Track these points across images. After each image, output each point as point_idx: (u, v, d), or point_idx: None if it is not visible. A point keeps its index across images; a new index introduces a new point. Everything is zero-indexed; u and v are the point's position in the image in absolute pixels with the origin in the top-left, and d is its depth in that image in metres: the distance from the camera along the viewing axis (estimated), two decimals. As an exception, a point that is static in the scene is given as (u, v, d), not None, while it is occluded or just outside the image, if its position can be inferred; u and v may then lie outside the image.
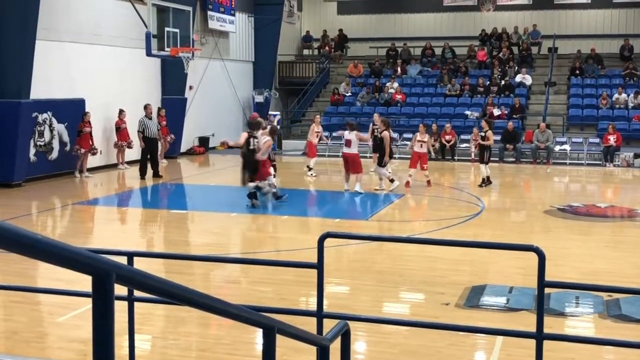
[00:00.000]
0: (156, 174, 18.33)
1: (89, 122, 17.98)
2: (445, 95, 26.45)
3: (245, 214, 13.78)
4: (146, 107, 19.14)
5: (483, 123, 17.59)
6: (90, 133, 18.09)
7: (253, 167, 13.73)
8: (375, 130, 18.36)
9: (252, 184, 13.79)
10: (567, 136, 23.54)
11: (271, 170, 14.23)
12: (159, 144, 19.91)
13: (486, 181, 17.09)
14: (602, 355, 6.40)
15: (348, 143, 15.46)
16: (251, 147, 13.62)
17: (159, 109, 20.88)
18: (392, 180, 16.05)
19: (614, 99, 24.63)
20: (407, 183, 16.57)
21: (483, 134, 17.17)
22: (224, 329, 6.86)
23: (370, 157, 17.81)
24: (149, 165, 18.32)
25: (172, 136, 21.55)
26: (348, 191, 15.57)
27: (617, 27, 29.11)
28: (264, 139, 13.72)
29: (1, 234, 1.44)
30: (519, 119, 24.17)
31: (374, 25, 32.03)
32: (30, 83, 16.28)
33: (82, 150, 17.91)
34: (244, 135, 13.78)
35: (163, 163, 20.09)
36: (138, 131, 18.89)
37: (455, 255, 9.61)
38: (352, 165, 15.48)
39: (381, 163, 16.09)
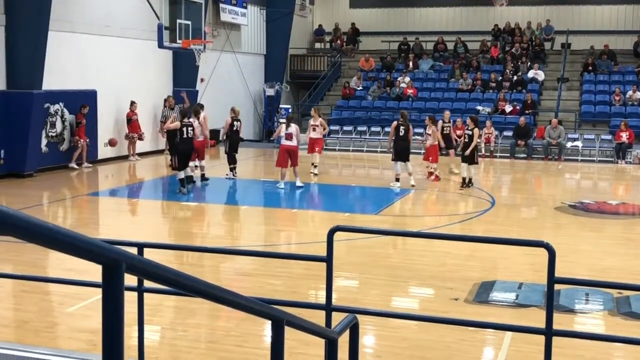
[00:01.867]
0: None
1: (84, 114, 17.88)
2: (457, 90, 26.36)
3: (256, 206, 13.78)
4: (167, 99, 19.91)
5: (468, 120, 16.33)
6: (85, 124, 18.00)
7: (187, 155, 14.35)
8: (445, 128, 18.26)
9: (182, 173, 14.31)
10: (579, 133, 23.41)
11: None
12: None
13: (467, 183, 15.81)
14: (611, 352, 6.38)
15: (289, 136, 15.21)
16: (185, 136, 14.16)
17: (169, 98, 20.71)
18: (397, 179, 15.80)
19: (627, 96, 24.47)
20: (434, 176, 16.64)
21: (470, 132, 15.85)
22: (233, 321, 6.88)
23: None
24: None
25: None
26: (281, 187, 15.27)
27: (631, 23, 28.88)
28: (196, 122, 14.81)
29: (14, 223, 1.44)
30: (530, 115, 24.07)
31: (386, 19, 31.94)
32: (43, 74, 16.36)
33: (82, 141, 17.85)
34: (177, 123, 14.37)
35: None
36: (160, 121, 19.91)
37: (465, 251, 9.60)
38: (294, 158, 15.31)
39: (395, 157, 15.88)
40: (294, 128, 15.24)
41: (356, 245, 10.11)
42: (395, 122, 16.08)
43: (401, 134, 15.70)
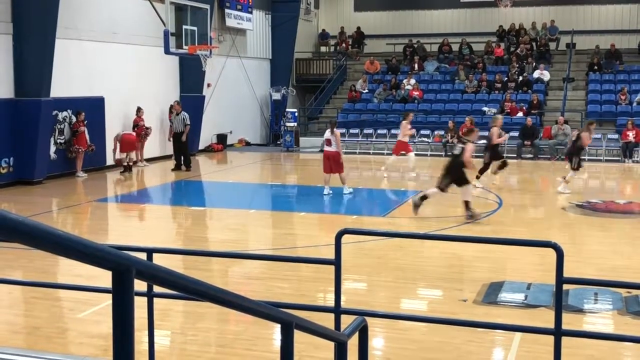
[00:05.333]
0: (187, 167, 19.41)
1: (83, 121, 17.78)
2: (463, 92, 26.36)
3: (263, 210, 13.81)
4: (172, 105, 20.34)
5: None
6: (85, 132, 17.90)
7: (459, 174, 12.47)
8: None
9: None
10: (585, 132, 23.34)
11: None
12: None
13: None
14: (621, 352, 6.38)
15: (328, 142, 14.93)
16: (456, 151, 12.70)
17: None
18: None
19: (637, 99, 24.28)
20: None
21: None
22: (243, 325, 6.91)
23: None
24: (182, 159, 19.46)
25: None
26: (329, 194, 15.05)
27: (636, 23, 28.82)
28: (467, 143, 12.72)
29: (24, 230, 1.46)
30: (537, 115, 24.04)
31: (390, 21, 31.97)
32: (51, 81, 16.46)
33: (82, 149, 17.76)
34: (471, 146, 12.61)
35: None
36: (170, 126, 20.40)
37: (473, 252, 9.60)
38: (335, 164, 14.90)
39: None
40: (331, 133, 14.94)
41: (364, 247, 10.13)
42: None
43: None
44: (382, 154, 23.59)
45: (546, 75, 26.34)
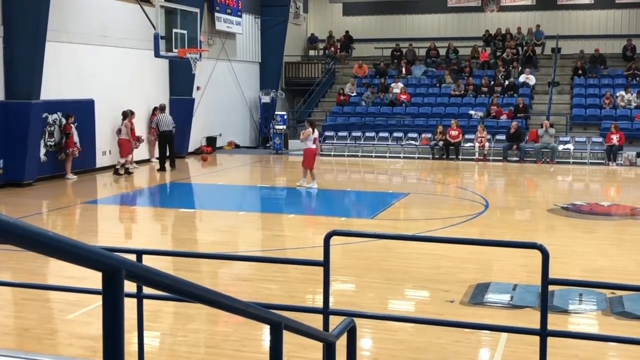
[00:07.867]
0: (172, 166, 19.79)
1: (71, 124, 17.75)
2: (450, 96, 26.52)
3: (252, 212, 13.84)
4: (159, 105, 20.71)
5: None
6: (73, 134, 17.87)
7: None
8: None
9: None
10: (570, 135, 23.58)
11: None
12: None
13: None
14: (605, 352, 6.47)
15: (315, 140, 16.03)
16: None
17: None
18: None
19: (625, 99, 24.52)
20: None
21: None
22: (232, 326, 6.96)
23: None
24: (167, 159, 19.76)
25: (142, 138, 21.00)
26: (311, 187, 15.96)
27: (620, 28, 29.12)
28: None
29: (14, 232, 1.47)
30: (522, 119, 24.22)
31: (379, 26, 32.10)
32: (41, 84, 16.45)
33: (76, 152, 17.80)
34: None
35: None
36: (152, 127, 20.57)
37: (460, 253, 9.69)
38: (314, 160, 16.14)
39: None
40: (316, 133, 16.24)
41: (352, 249, 10.20)
42: None
43: None
44: (370, 157, 23.72)
45: (532, 80, 26.53)
